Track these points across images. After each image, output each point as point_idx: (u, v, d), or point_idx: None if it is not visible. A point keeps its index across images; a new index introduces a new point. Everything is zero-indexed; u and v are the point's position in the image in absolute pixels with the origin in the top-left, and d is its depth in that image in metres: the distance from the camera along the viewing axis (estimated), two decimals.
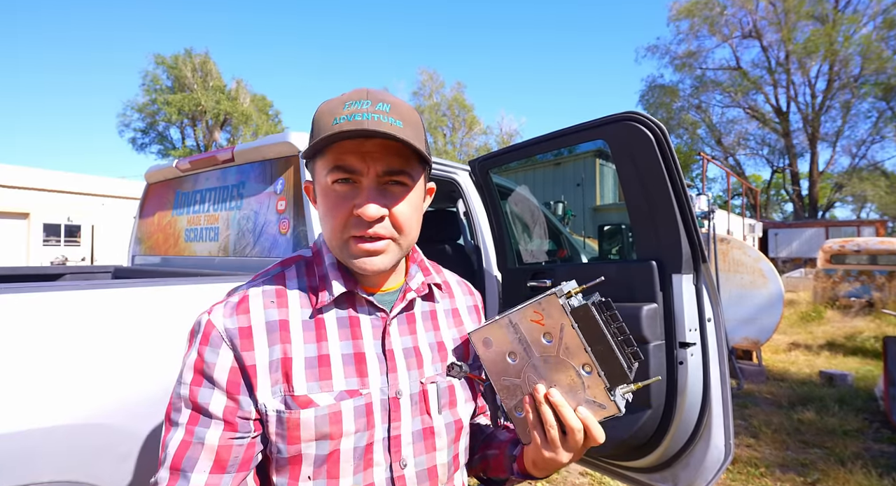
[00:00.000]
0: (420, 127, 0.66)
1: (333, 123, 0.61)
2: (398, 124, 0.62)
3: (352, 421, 0.64)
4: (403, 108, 0.65)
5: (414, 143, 0.62)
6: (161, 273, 2.07)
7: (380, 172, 0.63)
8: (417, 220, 0.69)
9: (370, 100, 0.63)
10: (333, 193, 0.65)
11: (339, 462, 0.64)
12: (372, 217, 0.63)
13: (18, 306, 1.02)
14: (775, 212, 35.00)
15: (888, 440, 3.29)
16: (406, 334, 0.73)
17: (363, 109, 0.62)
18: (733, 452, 1.62)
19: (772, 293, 4.91)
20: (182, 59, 28.58)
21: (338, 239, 0.66)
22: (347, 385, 0.66)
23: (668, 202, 1.58)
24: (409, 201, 0.66)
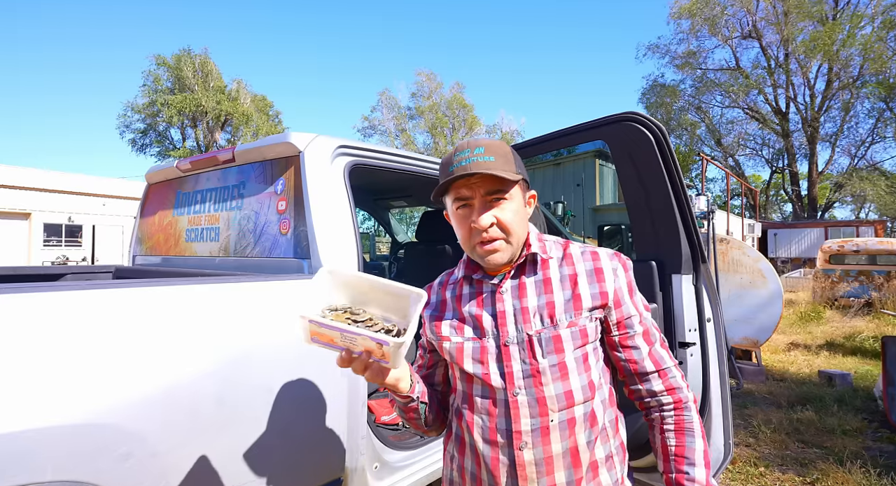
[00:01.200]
0: (509, 156, 0.96)
1: (449, 170, 0.95)
2: (491, 159, 0.93)
3: (469, 355, 0.99)
4: (495, 145, 0.96)
5: (500, 172, 0.92)
6: (162, 273, 2.07)
7: (482, 193, 0.94)
8: (520, 221, 0.97)
9: (469, 148, 0.95)
10: (459, 215, 0.98)
11: (472, 378, 0.99)
12: (483, 226, 0.93)
13: (19, 306, 1.02)
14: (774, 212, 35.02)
15: (887, 439, 3.29)
16: (516, 298, 0.98)
17: (466, 156, 0.94)
18: (732, 451, 1.62)
19: (771, 293, 4.91)
20: (182, 59, 28.58)
21: (468, 246, 0.99)
22: (473, 334, 1.00)
23: (668, 203, 1.58)
24: (510, 209, 0.95)
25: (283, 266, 1.73)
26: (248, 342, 1.35)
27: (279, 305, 1.46)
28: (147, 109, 29.36)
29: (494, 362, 0.96)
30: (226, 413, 1.27)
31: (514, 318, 0.97)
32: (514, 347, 0.95)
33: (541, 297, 0.98)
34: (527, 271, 1.01)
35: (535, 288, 0.99)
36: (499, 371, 0.95)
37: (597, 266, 1.00)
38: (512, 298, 0.98)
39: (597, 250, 1.04)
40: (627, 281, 1.01)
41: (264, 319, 1.41)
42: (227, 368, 1.29)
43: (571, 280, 0.99)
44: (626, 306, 1.00)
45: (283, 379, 1.41)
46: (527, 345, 0.95)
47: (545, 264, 1.01)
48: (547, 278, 1.00)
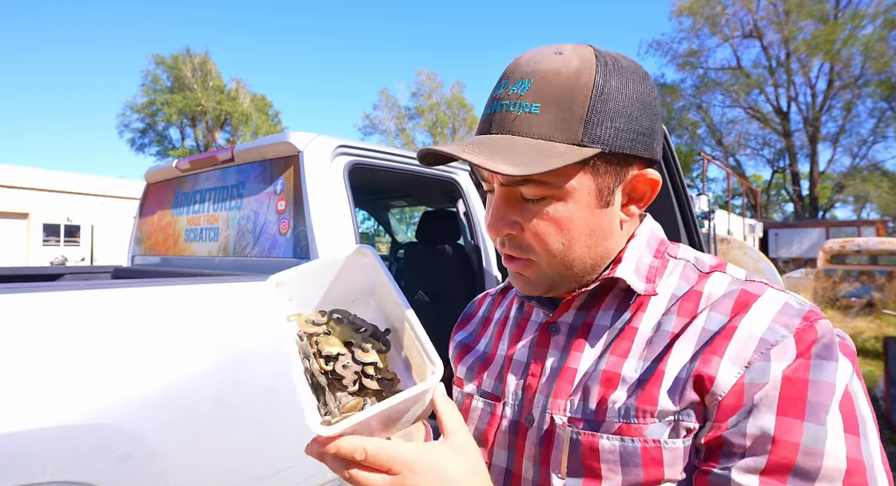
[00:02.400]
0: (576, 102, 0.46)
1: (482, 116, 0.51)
2: (533, 110, 0.47)
3: (475, 421, 0.61)
4: (554, 77, 0.47)
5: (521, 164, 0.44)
6: (161, 273, 2.07)
7: (502, 180, 0.50)
8: (569, 235, 0.50)
9: (510, 77, 0.49)
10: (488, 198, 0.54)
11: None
12: (492, 236, 0.54)
13: (18, 306, 1.02)
14: (776, 212, 35.01)
15: (889, 440, 3.29)
16: (567, 349, 0.54)
17: (499, 94, 0.49)
18: None
19: None
20: (182, 58, 28.61)
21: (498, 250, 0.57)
22: (491, 388, 0.61)
23: (669, 202, 1.58)
24: (549, 214, 0.49)
25: (282, 266, 1.72)
26: (248, 342, 1.35)
27: None
28: (146, 108, 29.41)
29: (503, 449, 0.56)
30: (225, 413, 1.27)
31: (550, 382, 0.54)
32: (532, 433, 0.54)
33: (604, 358, 0.51)
34: (605, 303, 0.55)
35: (605, 339, 0.52)
36: (504, 467, 0.56)
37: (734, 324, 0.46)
38: (562, 346, 0.55)
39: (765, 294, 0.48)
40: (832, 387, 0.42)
41: (264, 319, 1.41)
42: (227, 368, 1.29)
43: (669, 339, 0.49)
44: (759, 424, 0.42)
45: (283, 379, 1.41)
46: (545, 439, 0.52)
47: (642, 303, 0.52)
48: (632, 327, 0.52)
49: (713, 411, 0.44)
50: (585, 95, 0.46)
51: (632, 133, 0.48)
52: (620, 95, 0.47)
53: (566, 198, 0.49)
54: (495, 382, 0.60)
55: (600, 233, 0.52)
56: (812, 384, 0.42)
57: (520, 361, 0.58)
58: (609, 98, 0.47)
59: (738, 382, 0.43)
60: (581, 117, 0.46)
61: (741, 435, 0.42)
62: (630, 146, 0.48)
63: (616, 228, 0.53)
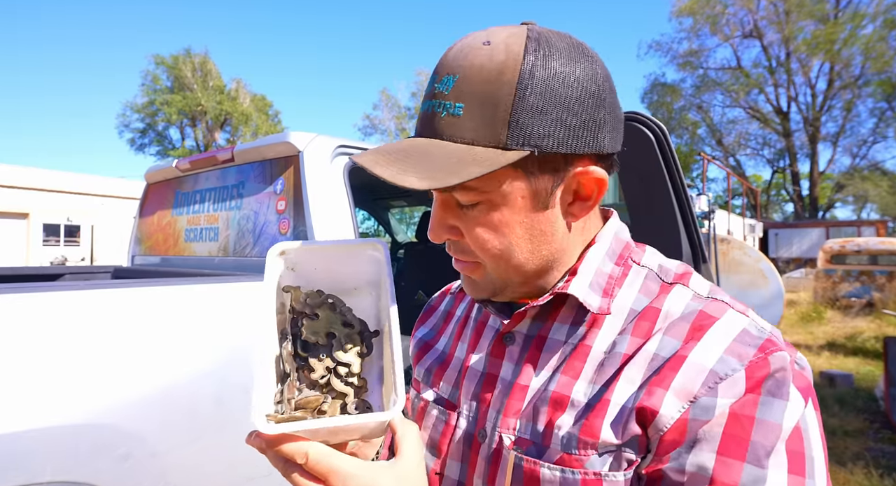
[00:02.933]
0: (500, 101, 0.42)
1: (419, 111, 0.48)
2: (456, 111, 0.43)
3: (428, 429, 0.58)
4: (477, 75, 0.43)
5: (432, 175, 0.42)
6: (161, 273, 2.07)
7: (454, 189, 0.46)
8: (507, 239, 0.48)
9: (439, 71, 0.45)
10: None
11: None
12: (434, 241, 0.52)
13: (18, 306, 1.02)
14: (776, 212, 35.00)
15: (889, 440, 3.29)
16: (519, 362, 0.52)
17: (430, 92, 0.46)
18: None
19: (772, 293, 4.91)
20: (182, 59, 28.61)
21: None
22: (447, 394, 0.59)
23: (669, 202, 1.57)
24: (488, 220, 0.47)
25: None
26: (248, 342, 1.35)
27: None
28: (146, 108, 29.42)
29: (457, 461, 0.54)
30: (225, 413, 1.27)
31: (502, 397, 0.52)
32: (484, 448, 0.52)
33: (555, 378, 0.49)
34: (561, 315, 0.52)
35: (558, 357, 0.50)
36: (457, 479, 0.54)
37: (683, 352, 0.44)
38: (515, 358, 0.53)
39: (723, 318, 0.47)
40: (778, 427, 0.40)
41: None
42: (227, 368, 1.29)
43: (620, 363, 0.47)
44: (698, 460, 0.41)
45: None
46: (493, 456, 0.51)
47: (597, 319, 0.50)
48: (585, 345, 0.49)
49: (655, 443, 0.43)
50: (510, 93, 0.42)
51: (567, 128, 0.43)
52: (553, 85, 0.42)
53: (500, 202, 0.46)
54: (452, 388, 0.58)
55: (541, 236, 0.49)
56: (758, 423, 0.40)
57: (475, 369, 0.56)
58: (538, 92, 0.42)
59: (681, 417, 0.42)
60: (505, 118, 0.42)
61: (680, 471, 0.41)
62: (567, 143, 0.44)
63: (561, 230, 0.50)
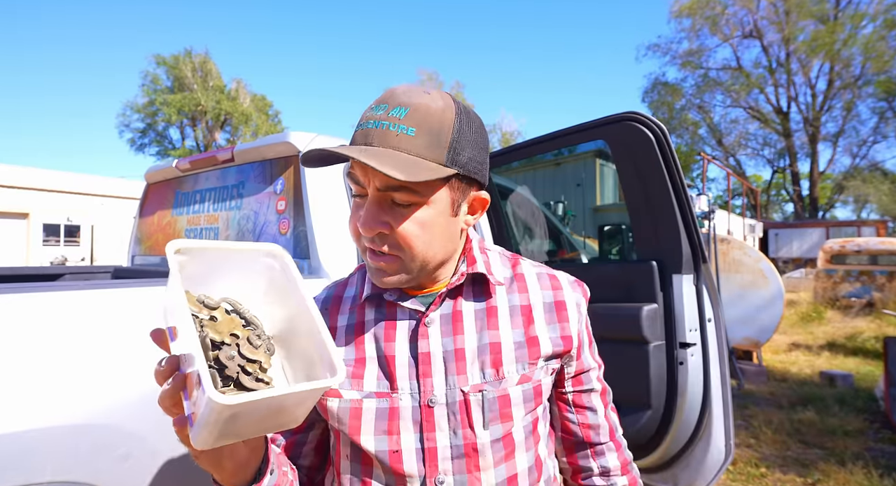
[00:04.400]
0: (444, 131, 0.60)
1: (356, 128, 0.62)
2: (409, 132, 0.58)
3: (372, 421, 0.65)
4: (428, 110, 0.59)
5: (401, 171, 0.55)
6: (161, 273, 2.07)
7: (379, 186, 0.60)
8: (432, 237, 0.63)
9: (388, 103, 0.60)
10: (353, 203, 0.66)
11: (371, 460, 0.66)
12: (365, 234, 0.62)
13: (18, 306, 1.02)
14: (776, 212, 35.00)
15: (889, 440, 3.29)
16: (449, 335, 0.67)
17: (376, 115, 0.60)
18: (733, 452, 1.62)
19: (772, 293, 4.90)
20: (182, 59, 28.60)
21: (359, 247, 0.67)
22: (378, 388, 0.67)
23: (669, 202, 1.58)
24: (417, 219, 0.61)
25: None
26: None
27: None
28: (146, 108, 29.39)
29: (411, 432, 0.64)
30: None
31: (445, 365, 0.66)
32: (440, 409, 0.65)
33: (483, 334, 0.68)
34: (464, 293, 0.70)
35: (477, 321, 0.68)
36: (417, 447, 0.64)
37: (558, 298, 0.72)
38: (442, 334, 0.67)
39: (556, 274, 0.76)
40: (588, 321, 0.76)
41: None
42: None
43: (525, 314, 0.70)
44: (586, 354, 0.75)
45: None
46: (461, 408, 0.65)
47: (490, 287, 0.71)
48: (492, 307, 0.70)
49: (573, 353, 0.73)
50: (449, 129, 0.60)
51: (476, 163, 0.64)
52: (470, 135, 0.62)
53: (430, 205, 0.62)
54: (380, 381, 0.67)
55: (450, 236, 0.66)
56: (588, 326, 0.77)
57: (403, 355, 0.67)
58: (464, 135, 0.61)
59: (577, 332, 0.72)
60: (446, 145, 0.60)
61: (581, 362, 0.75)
62: (475, 172, 0.64)
63: (458, 233, 0.68)
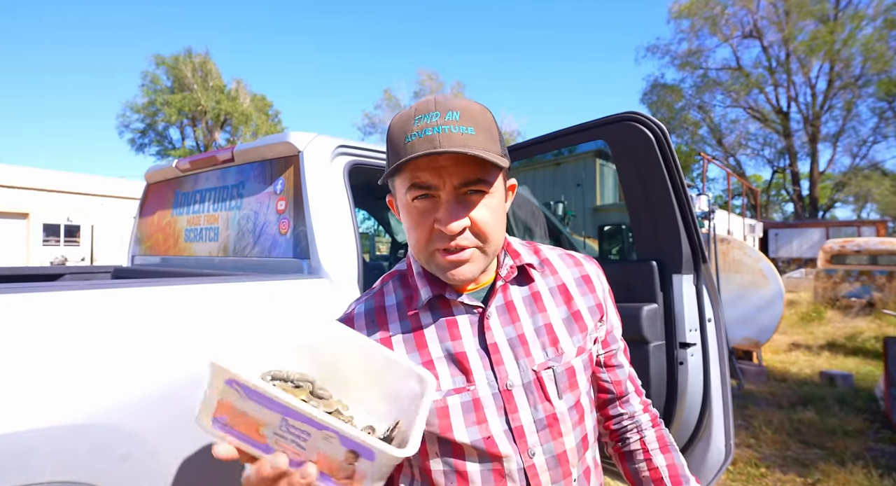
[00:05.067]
0: (493, 127, 0.67)
1: (406, 141, 0.63)
2: (470, 131, 0.63)
3: (460, 415, 0.69)
4: (474, 110, 0.65)
5: (486, 152, 0.62)
6: (161, 273, 2.07)
7: (456, 184, 0.65)
8: (500, 222, 0.70)
9: (439, 111, 0.63)
10: (415, 209, 0.68)
11: (464, 451, 0.69)
12: (453, 232, 0.65)
13: (18, 306, 1.02)
14: (776, 212, 34.99)
15: (889, 440, 3.29)
16: (508, 323, 0.74)
17: (433, 122, 0.63)
18: (733, 452, 1.62)
19: (772, 293, 4.90)
20: (182, 59, 28.58)
21: (424, 253, 0.70)
22: (454, 384, 0.70)
23: (669, 202, 1.57)
24: (490, 207, 0.67)
25: (282, 266, 1.73)
26: None
27: (278, 305, 1.45)
28: (146, 108, 29.38)
29: (496, 417, 0.70)
30: None
31: (513, 351, 0.72)
32: (517, 390, 0.71)
33: (536, 318, 0.75)
34: (510, 283, 0.77)
35: (527, 307, 0.76)
36: (504, 428, 0.70)
37: (583, 273, 0.82)
38: (501, 323, 0.73)
39: (572, 253, 0.86)
40: (608, 287, 0.85)
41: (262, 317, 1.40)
42: None
43: (563, 293, 0.78)
44: (612, 315, 0.84)
45: None
46: (535, 385, 0.72)
47: (529, 274, 0.78)
48: (535, 292, 0.77)
49: (606, 321, 0.82)
50: (494, 125, 0.67)
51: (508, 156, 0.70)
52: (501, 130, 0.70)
53: (493, 195, 0.68)
54: (455, 377, 0.71)
55: (505, 222, 0.72)
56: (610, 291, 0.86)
57: (473, 349, 0.72)
58: (500, 130, 0.69)
59: (604, 300, 0.81)
60: (497, 139, 0.67)
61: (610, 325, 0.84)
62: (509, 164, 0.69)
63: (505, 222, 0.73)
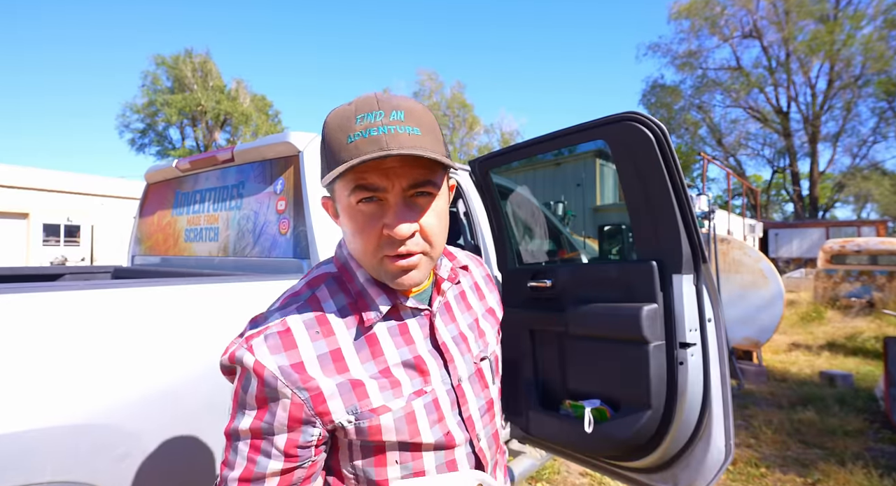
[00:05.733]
0: (436, 128, 0.65)
1: (348, 141, 0.60)
2: (416, 132, 0.60)
3: (424, 417, 0.69)
4: (418, 110, 0.63)
5: (436, 154, 0.60)
6: (161, 273, 2.07)
7: (405, 186, 0.62)
8: (445, 226, 0.68)
9: (382, 110, 0.60)
10: (360, 213, 0.63)
11: (421, 450, 0.69)
12: (404, 236, 0.62)
13: (18, 306, 1.02)
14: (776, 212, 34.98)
15: (889, 440, 3.28)
16: (449, 322, 0.77)
17: (377, 122, 0.59)
18: (733, 452, 1.62)
19: (772, 293, 4.90)
20: (182, 59, 28.58)
21: (371, 259, 0.66)
22: (413, 387, 0.69)
23: (669, 202, 1.57)
24: (437, 211, 0.66)
25: (282, 266, 1.73)
26: None
27: None
28: (146, 108, 29.38)
29: (451, 411, 0.72)
30: (225, 414, 1.27)
31: (458, 347, 0.76)
32: (465, 383, 0.75)
33: (465, 315, 0.80)
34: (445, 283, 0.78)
35: (458, 305, 0.80)
36: (458, 420, 0.73)
37: (486, 272, 0.92)
38: (445, 323, 0.76)
39: (472, 255, 0.93)
40: None
41: None
42: None
43: (477, 290, 0.86)
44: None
45: None
46: (478, 376, 0.77)
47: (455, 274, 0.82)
48: (462, 290, 0.83)
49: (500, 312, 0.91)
50: (437, 126, 0.65)
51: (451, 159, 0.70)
52: None
53: (439, 197, 0.66)
54: (413, 380, 0.70)
55: (448, 226, 0.70)
56: None
57: (427, 350, 0.72)
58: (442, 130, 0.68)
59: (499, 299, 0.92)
60: (441, 141, 0.65)
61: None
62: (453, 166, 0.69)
63: None
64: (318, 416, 0.63)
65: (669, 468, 1.68)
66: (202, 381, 1.23)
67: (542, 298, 1.97)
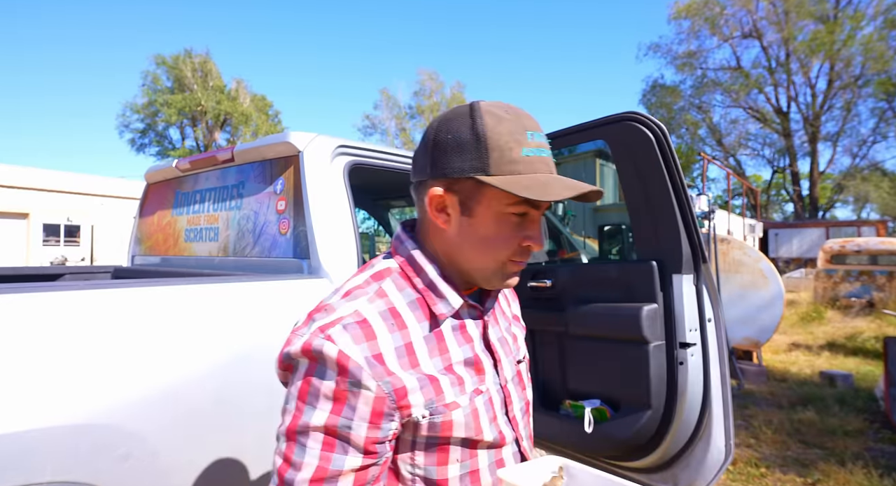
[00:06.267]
0: None
1: (524, 154, 0.64)
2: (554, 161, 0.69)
3: (484, 415, 0.70)
4: None
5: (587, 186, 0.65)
6: (161, 273, 2.07)
7: (547, 206, 0.69)
8: None
9: (538, 130, 0.67)
10: (510, 222, 0.67)
11: (478, 448, 0.70)
12: (540, 250, 0.74)
13: (18, 306, 1.02)
14: (776, 212, 34.99)
15: (889, 440, 3.29)
16: (496, 324, 0.79)
17: (542, 143, 0.66)
18: (733, 452, 1.62)
19: (772, 293, 4.90)
20: (182, 59, 28.60)
21: (495, 262, 0.69)
22: (474, 385, 0.70)
23: (669, 202, 1.57)
24: None
25: (282, 266, 1.73)
26: (249, 342, 1.35)
27: (279, 305, 1.45)
28: (146, 108, 29.40)
29: (501, 412, 0.74)
30: (226, 414, 1.27)
31: (503, 348, 0.78)
32: (509, 384, 0.77)
33: (503, 318, 0.83)
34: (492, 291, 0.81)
35: (498, 308, 0.83)
36: (504, 420, 0.75)
37: None
38: (492, 324, 0.78)
39: None
40: None
41: (264, 319, 1.41)
42: (227, 368, 1.29)
43: (504, 296, 0.89)
44: None
45: None
46: (519, 377, 0.81)
47: None
48: (500, 296, 0.86)
49: None
50: None
51: None
52: None
53: None
54: (472, 378, 0.71)
55: None
56: None
57: (481, 351, 0.74)
58: None
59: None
60: None
61: None
62: None
63: None
64: (398, 410, 0.61)
65: (669, 468, 1.68)
66: (203, 381, 1.24)
67: (542, 298, 1.97)
